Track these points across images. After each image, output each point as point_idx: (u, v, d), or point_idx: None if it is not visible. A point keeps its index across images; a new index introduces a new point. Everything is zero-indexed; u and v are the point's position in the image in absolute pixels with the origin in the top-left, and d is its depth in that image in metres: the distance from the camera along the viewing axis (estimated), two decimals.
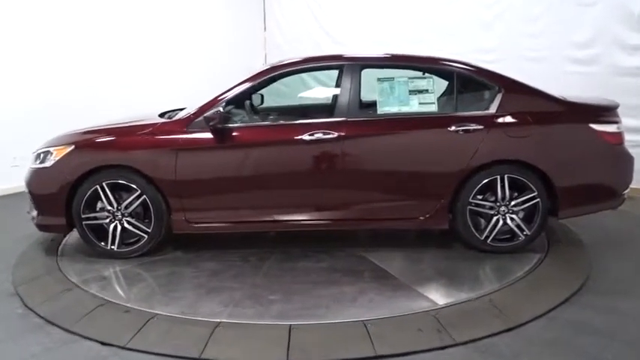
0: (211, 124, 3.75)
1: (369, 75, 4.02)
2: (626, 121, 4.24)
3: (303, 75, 6.29)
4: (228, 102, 3.93)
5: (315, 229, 3.99)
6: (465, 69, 3.97)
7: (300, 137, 3.79)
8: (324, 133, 3.78)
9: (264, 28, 9.13)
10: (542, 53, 6.19)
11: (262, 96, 4.91)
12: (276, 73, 4.10)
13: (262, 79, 4.05)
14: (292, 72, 4.22)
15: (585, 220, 4.33)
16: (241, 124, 3.96)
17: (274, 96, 6.72)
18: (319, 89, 6.18)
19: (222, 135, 3.82)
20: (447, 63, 4.03)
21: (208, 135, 3.81)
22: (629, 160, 3.96)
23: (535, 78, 4.13)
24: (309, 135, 3.79)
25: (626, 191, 4.02)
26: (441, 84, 4.11)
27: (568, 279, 3.56)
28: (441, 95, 4.17)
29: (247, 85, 4.00)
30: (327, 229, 3.96)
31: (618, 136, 3.90)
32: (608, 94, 4.36)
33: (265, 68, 4.10)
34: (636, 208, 4.83)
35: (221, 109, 3.79)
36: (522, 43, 6.31)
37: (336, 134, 3.78)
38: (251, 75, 4.05)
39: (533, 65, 6.12)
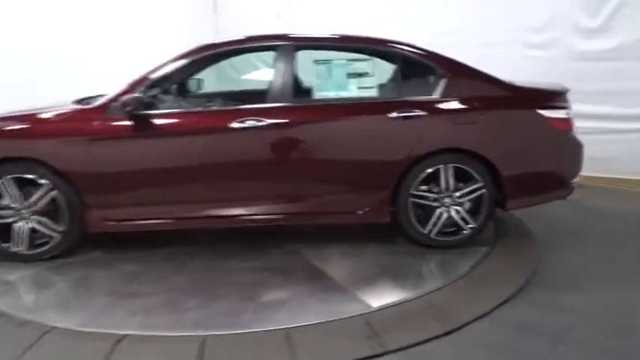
0: (127, 109, 3.38)
1: (306, 57, 3.72)
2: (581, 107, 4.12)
3: (253, 58, 5.96)
4: (151, 85, 3.56)
5: (248, 225, 3.67)
6: (408, 51, 3.69)
7: (228, 125, 3.45)
8: (256, 120, 3.45)
9: (215, 11, 8.67)
10: (498, 37, 5.95)
11: (200, 81, 4.53)
12: (207, 53, 3.76)
13: (190, 60, 3.68)
14: (225, 52, 3.92)
15: (536, 211, 4.13)
16: (163, 111, 3.58)
17: (224, 82, 6.38)
18: (259, 73, 5.82)
19: (141, 122, 3.45)
20: (388, 44, 3.74)
21: (127, 122, 3.44)
22: (578, 147, 3.76)
23: (491, 63, 3.87)
24: (239, 122, 3.45)
25: (575, 180, 3.82)
26: (383, 67, 3.82)
27: (514, 274, 3.35)
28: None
29: (173, 66, 3.63)
30: (258, 225, 3.64)
31: (567, 122, 3.69)
32: (564, 79, 4.15)
33: (194, 48, 3.73)
34: (586, 197, 4.66)
35: (139, 93, 3.42)
36: (478, 27, 6.06)
37: (267, 122, 3.45)
38: (176, 56, 3.68)
39: (489, 50, 5.89)
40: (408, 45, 3.72)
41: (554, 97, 3.73)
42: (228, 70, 6.43)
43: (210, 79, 5.37)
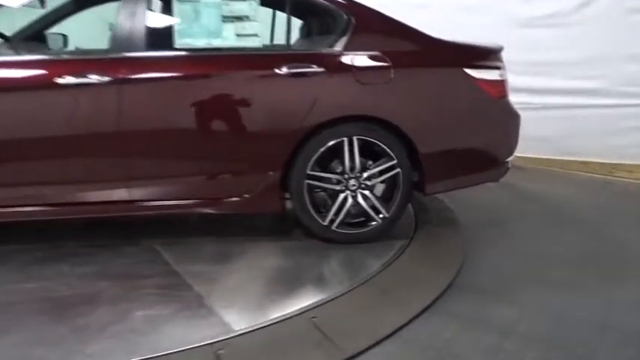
0: None
1: None
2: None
3: None
4: None
5: (88, 216, 2.77)
6: None
7: (52, 80, 2.52)
8: (96, 74, 2.54)
9: None
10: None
11: (65, 36, 3.51)
12: None
13: None
14: None
15: (466, 195, 3.45)
16: None
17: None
18: None
19: None
20: None
21: None
22: (514, 118, 3.07)
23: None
24: (72, 77, 2.53)
25: (510, 159, 3.13)
26: (270, 11, 2.98)
27: (433, 276, 2.62)
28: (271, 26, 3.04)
29: None
30: (95, 216, 2.74)
31: (501, 85, 2.98)
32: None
33: None
34: (522, 181, 4.04)
35: None
36: None
37: (109, 77, 2.55)
38: None
39: (418, 13, 5.15)
40: None
41: (485, 55, 3.01)
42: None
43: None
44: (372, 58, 2.78)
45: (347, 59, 2.75)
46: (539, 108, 4.83)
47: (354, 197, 2.85)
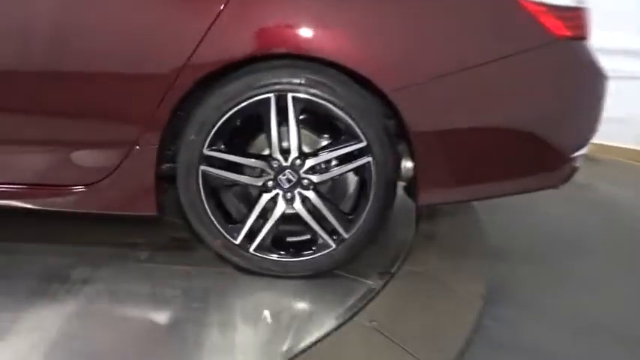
0: None
1: None
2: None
3: None
4: None
5: None
6: None
7: None
8: None
9: None
10: None
11: None
12: None
13: None
14: None
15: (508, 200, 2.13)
16: None
17: None
18: None
19: None
20: None
21: None
22: (596, 80, 1.69)
23: None
24: None
25: (580, 153, 1.76)
26: None
27: None
28: None
29: None
30: None
31: (576, 17, 1.61)
32: None
33: None
34: (600, 180, 2.68)
35: None
36: None
37: None
38: None
39: None
40: None
41: None
42: None
43: None
44: None
45: None
46: (622, 77, 3.36)
47: (289, 201, 1.61)
